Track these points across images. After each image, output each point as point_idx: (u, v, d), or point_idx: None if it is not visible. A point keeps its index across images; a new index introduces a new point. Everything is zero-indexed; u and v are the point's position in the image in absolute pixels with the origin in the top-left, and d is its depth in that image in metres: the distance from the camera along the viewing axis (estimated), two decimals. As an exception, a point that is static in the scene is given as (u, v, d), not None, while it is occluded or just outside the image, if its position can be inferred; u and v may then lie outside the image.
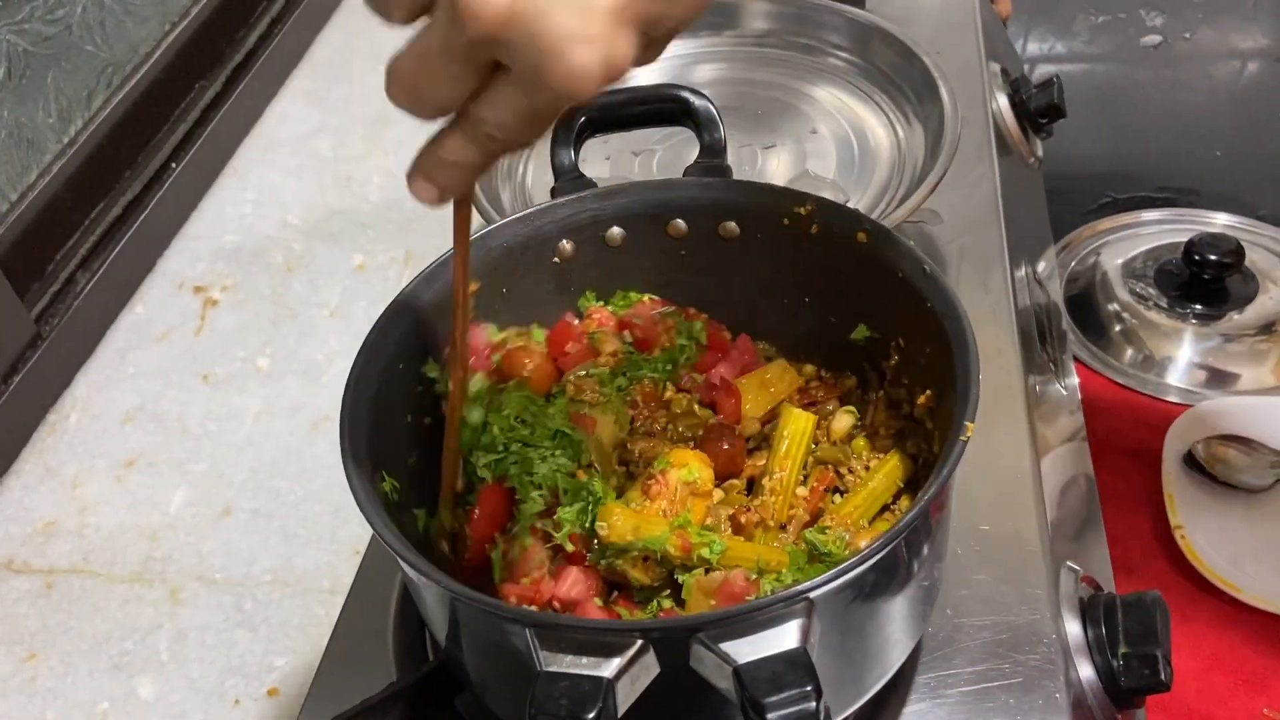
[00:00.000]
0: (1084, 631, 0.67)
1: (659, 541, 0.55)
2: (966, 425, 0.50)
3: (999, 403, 0.78)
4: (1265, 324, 1.12)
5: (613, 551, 0.55)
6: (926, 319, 0.58)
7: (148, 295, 1.10)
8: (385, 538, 0.52)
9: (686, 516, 0.57)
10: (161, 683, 0.79)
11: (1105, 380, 1.09)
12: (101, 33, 1.11)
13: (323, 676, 0.70)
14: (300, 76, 1.36)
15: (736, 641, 0.45)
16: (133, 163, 1.14)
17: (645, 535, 0.55)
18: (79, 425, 0.98)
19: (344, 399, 0.57)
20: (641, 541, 0.55)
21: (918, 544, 0.52)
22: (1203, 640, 0.89)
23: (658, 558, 0.55)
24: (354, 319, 1.05)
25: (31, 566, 0.88)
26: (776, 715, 0.42)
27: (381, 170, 1.21)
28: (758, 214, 0.65)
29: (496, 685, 0.58)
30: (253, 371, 1.01)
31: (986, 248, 0.91)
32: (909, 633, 0.57)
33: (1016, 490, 0.73)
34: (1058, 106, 1.08)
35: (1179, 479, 0.97)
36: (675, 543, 0.55)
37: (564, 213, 0.66)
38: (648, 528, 0.55)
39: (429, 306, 0.63)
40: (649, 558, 0.56)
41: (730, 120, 0.96)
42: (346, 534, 0.86)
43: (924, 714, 0.61)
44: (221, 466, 0.93)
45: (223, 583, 0.85)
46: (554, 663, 0.46)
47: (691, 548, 0.55)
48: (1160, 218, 1.26)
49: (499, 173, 0.93)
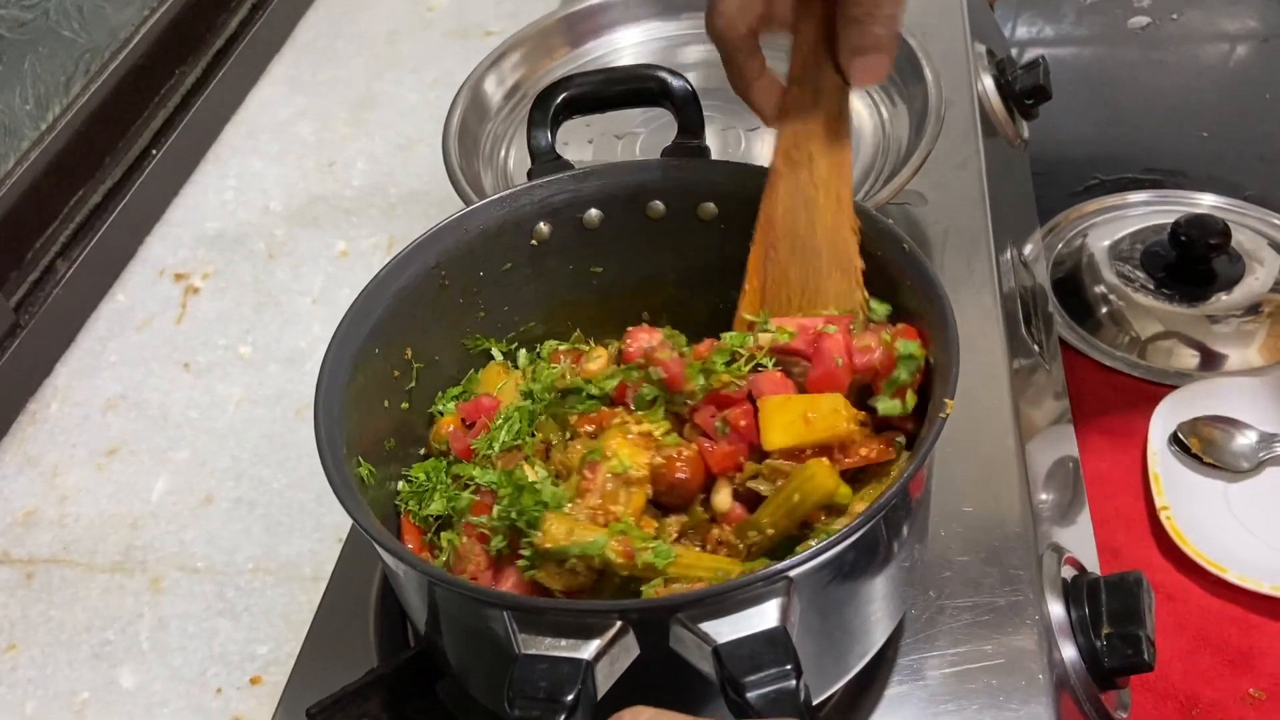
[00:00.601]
0: (1067, 612, 0.67)
1: (595, 547, 0.51)
2: (946, 402, 0.50)
3: (983, 385, 0.78)
4: (1252, 304, 1.12)
5: (542, 557, 0.53)
6: (906, 297, 0.57)
7: (128, 283, 1.09)
8: (362, 523, 0.51)
9: (627, 521, 0.54)
10: (143, 672, 0.78)
11: (1091, 362, 1.09)
12: (79, 18, 1.10)
13: (304, 664, 0.70)
14: (283, 61, 1.34)
15: (716, 621, 0.44)
16: (112, 149, 1.13)
17: (580, 540, 0.52)
18: (60, 414, 0.97)
19: (318, 386, 0.56)
20: (577, 547, 0.52)
21: (898, 523, 0.52)
22: (1188, 621, 0.88)
23: (597, 564, 0.52)
24: (337, 306, 1.03)
25: (11, 556, 0.87)
26: (756, 694, 0.42)
27: (365, 155, 1.20)
28: (736, 195, 0.64)
29: (477, 670, 0.57)
30: (234, 359, 1.01)
31: (971, 230, 0.91)
32: (890, 613, 0.57)
33: (1000, 472, 0.73)
34: (1043, 88, 1.08)
35: (1165, 460, 0.97)
36: (615, 548, 0.52)
37: (541, 195, 0.66)
38: (582, 532, 0.53)
39: (404, 291, 0.62)
40: (593, 566, 0.52)
41: (715, 103, 0.96)
42: (330, 521, 0.86)
43: (906, 695, 0.61)
44: (203, 455, 0.92)
45: (204, 571, 0.84)
46: (533, 645, 0.45)
47: (634, 554, 0.51)
48: (1147, 199, 1.25)
49: (481, 155, 0.92)
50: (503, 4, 1.38)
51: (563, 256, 0.68)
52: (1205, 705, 0.84)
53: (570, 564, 0.52)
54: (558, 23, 1.01)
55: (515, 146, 0.94)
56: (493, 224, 0.66)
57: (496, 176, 0.92)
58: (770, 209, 0.61)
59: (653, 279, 0.70)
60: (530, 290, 0.69)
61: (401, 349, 0.64)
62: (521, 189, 0.66)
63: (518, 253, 0.67)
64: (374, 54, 1.34)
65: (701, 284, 0.69)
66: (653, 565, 0.51)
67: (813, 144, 0.59)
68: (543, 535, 0.52)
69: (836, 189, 0.59)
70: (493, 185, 0.90)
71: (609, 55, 1.02)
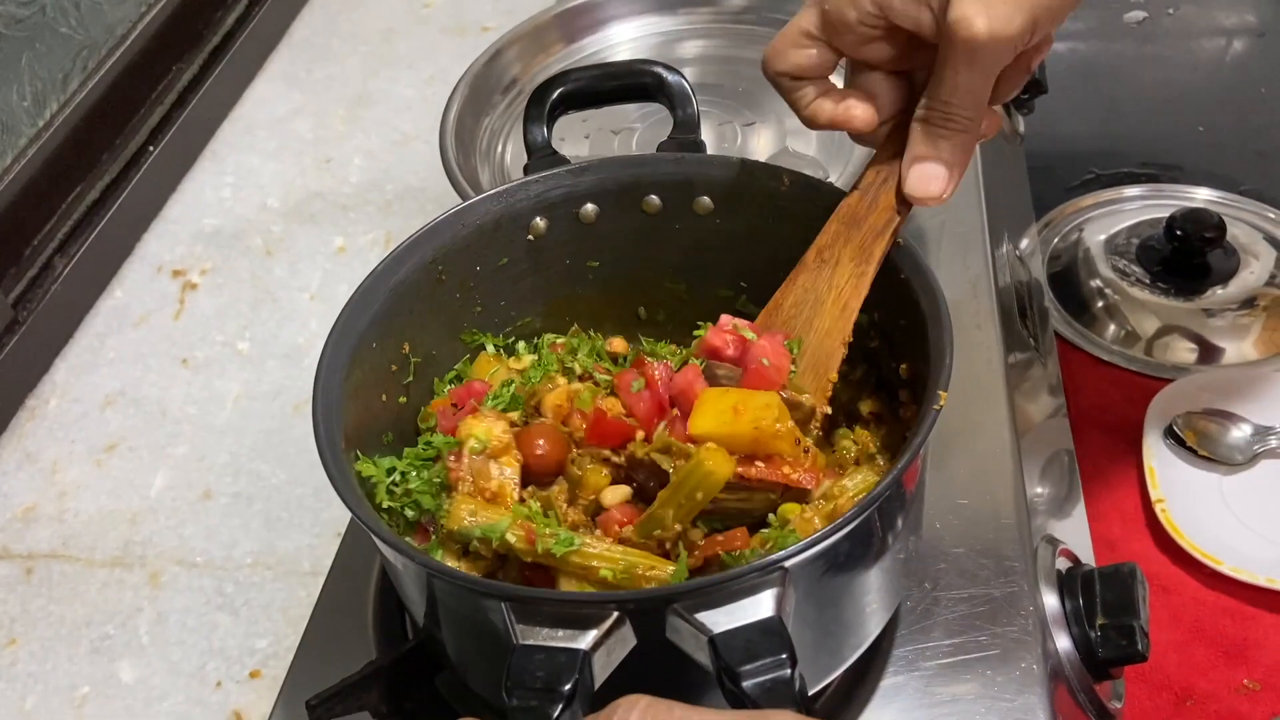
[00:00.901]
0: (1062, 603, 0.67)
1: (496, 530, 0.52)
2: (939, 394, 0.50)
3: (979, 379, 0.78)
4: (1247, 298, 1.12)
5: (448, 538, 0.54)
6: (901, 290, 0.58)
7: (126, 279, 1.09)
8: (361, 517, 0.52)
9: (534, 506, 0.55)
10: (142, 666, 0.79)
11: (1087, 356, 1.09)
12: (76, 14, 1.10)
13: (303, 657, 0.70)
14: (279, 58, 1.34)
15: (712, 611, 0.45)
16: (110, 146, 1.13)
17: (484, 522, 0.53)
18: (58, 410, 0.98)
19: (316, 382, 0.56)
20: (479, 529, 0.52)
21: (891, 514, 0.52)
22: (1183, 612, 0.89)
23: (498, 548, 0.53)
24: (335, 302, 1.03)
25: (11, 552, 0.87)
26: (752, 683, 0.43)
27: (362, 151, 1.20)
28: (731, 189, 0.65)
29: (475, 662, 0.58)
30: (232, 355, 1.01)
31: (967, 225, 0.91)
32: (884, 604, 0.57)
33: (996, 465, 0.73)
34: (1039, 82, 1.08)
35: (1160, 453, 0.98)
36: (518, 533, 0.52)
37: (537, 190, 0.66)
38: (487, 513, 0.53)
39: (401, 286, 0.63)
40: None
41: (712, 98, 0.96)
42: (329, 516, 0.86)
43: (901, 686, 0.62)
44: (202, 450, 0.93)
45: (203, 566, 0.84)
46: (530, 636, 0.46)
47: (535, 539, 0.52)
48: (1142, 194, 1.25)
49: (478, 151, 0.93)
50: (499, 0, 1.38)
51: (559, 251, 0.69)
52: (1200, 696, 0.84)
53: (472, 546, 0.53)
54: (554, 18, 1.01)
55: (512, 142, 0.95)
56: (489, 219, 0.66)
57: (493, 172, 0.92)
58: (783, 295, 0.62)
59: (649, 273, 0.70)
60: (527, 285, 0.69)
61: (399, 344, 0.64)
62: (518, 184, 0.67)
63: (515, 247, 0.67)
64: (370, 51, 1.34)
65: (698, 277, 0.69)
66: (551, 553, 0.51)
67: (847, 250, 0.59)
68: (447, 516, 0.53)
69: (846, 299, 0.59)
70: (490, 180, 0.90)
71: (605, 50, 1.02)
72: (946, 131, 0.55)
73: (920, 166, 0.56)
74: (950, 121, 0.55)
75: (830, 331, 0.59)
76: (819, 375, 0.59)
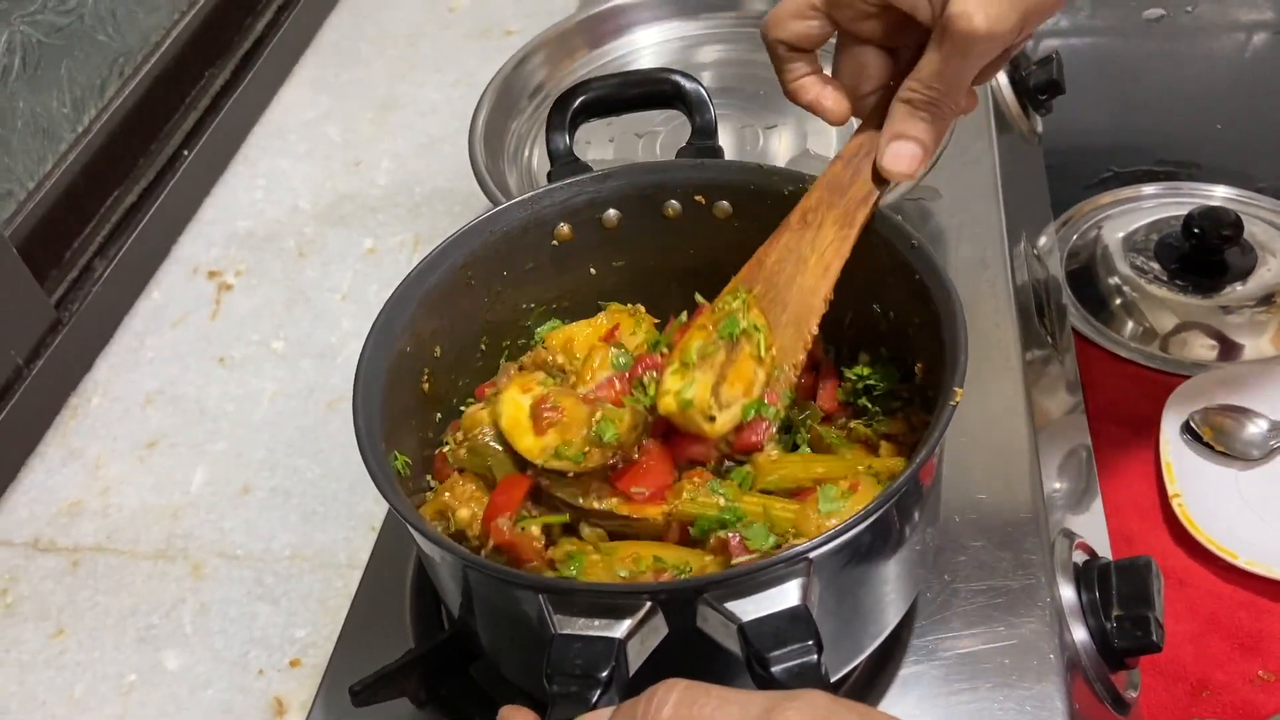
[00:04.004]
0: (1078, 596, 0.69)
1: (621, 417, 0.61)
2: (955, 391, 0.52)
3: (996, 376, 0.80)
4: (1264, 295, 1.13)
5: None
6: (916, 291, 0.59)
7: (163, 281, 1.12)
8: (401, 511, 0.54)
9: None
10: (186, 655, 0.81)
11: (1105, 353, 1.11)
12: (113, 22, 1.13)
13: (343, 647, 0.73)
14: (308, 63, 1.37)
15: (740, 601, 0.47)
16: (146, 151, 1.16)
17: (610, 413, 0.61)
18: (100, 408, 1.01)
19: (355, 383, 0.59)
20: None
21: (909, 508, 0.54)
22: (1199, 605, 0.90)
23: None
24: (366, 302, 1.07)
25: (57, 545, 0.90)
26: (781, 668, 0.45)
27: (390, 154, 1.23)
28: (750, 193, 0.67)
29: (509, 650, 0.60)
30: (268, 354, 1.04)
31: (985, 223, 0.93)
32: (903, 594, 0.59)
33: (1013, 460, 0.75)
34: (1057, 83, 1.10)
35: (1177, 448, 0.99)
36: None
37: (562, 196, 0.68)
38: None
39: (432, 291, 0.65)
40: None
41: (732, 101, 0.98)
42: (363, 510, 0.89)
43: (920, 675, 0.63)
44: (240, 446, 0.96)
45: (243, 558, 0.87)
46: (568, 625, 0.48)
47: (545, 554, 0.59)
48: (1160, 191, 1.27)
49: (506, 155, 0.95)
50: (522, 3, 1.40)
51: (583, 255, 0.71)
52: (1216, 687, 0.86)
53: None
54: (578, 25, 1.03)
55: (539, 146, 0.97)
56: (517, 225, 0.68)
57: (521, 176, 0.94)
58: (765, 253, 0.64)
59: (671, 275, 0.72)
60: (552, 288, 0.71)
61: (431, 346, 0.66)
62: (543, 191, 0.69)
63: (540, 252, 0.70)
64: (396, 55, 1.37)
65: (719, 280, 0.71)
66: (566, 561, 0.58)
67: (830, 214, 0.62)
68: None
69: (829, 261, 0.62)
70: (517, 184, 0.92)
71: (629, 55, 1.04)
72: (926, 114, 0.58)
73: (897, 145, 0.59)
74: (932, 105, 0.58)
75: (814, 290, 0.62)
76: (800, 329, 0.63)
